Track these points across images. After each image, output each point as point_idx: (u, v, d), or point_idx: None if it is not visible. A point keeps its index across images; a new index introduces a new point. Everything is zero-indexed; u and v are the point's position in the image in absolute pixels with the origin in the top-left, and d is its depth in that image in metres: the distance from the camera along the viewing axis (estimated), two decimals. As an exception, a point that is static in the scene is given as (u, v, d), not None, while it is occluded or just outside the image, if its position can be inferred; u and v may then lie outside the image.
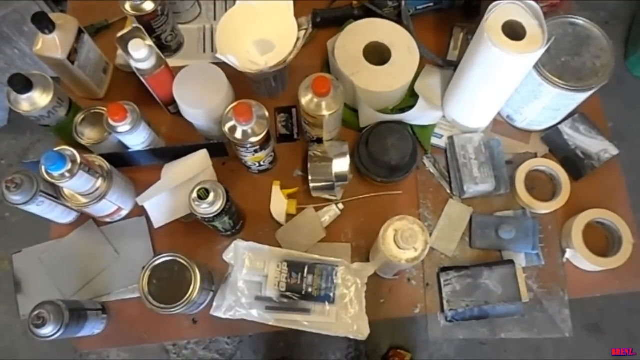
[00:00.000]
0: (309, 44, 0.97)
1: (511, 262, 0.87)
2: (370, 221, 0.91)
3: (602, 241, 0.91)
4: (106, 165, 0.83)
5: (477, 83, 0.84)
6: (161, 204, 0.86)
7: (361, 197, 0.93)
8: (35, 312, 0.73)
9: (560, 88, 0.83)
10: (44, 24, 0.82)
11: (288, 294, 0.82)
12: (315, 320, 0.82)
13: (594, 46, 0.86)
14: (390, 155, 0.87)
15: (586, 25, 0.87)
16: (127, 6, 0.87)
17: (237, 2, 0.92)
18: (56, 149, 0.75)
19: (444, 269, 0.88)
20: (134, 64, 0.83)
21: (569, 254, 0.89)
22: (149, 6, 0.87)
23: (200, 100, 0.84)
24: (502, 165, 0.94)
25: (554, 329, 0.87)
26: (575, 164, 0.94)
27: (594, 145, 0.95)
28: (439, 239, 0.91)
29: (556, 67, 0.84)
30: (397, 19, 0.98)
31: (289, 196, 0.92)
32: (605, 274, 0.87)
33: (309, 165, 0.88)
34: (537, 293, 0.88)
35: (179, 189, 0.85)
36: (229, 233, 0.87)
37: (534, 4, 0.76)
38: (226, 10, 1.01)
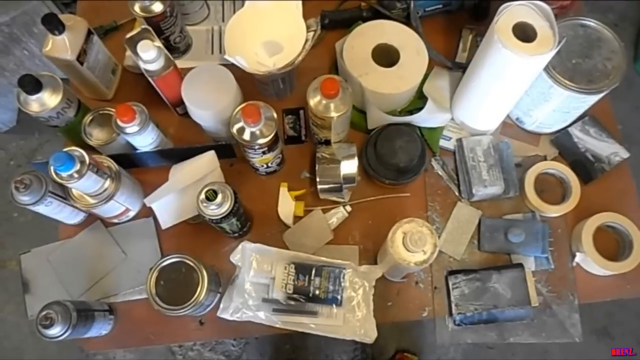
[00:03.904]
0: (317, 46, 0.97)
1: (520, 265, 0.86)
2: (378, 223, 0.91)
3: (612, 245, 0.90)
4: (114, 166, 0.83)
5: (486, 85, 0.84)
6: (169, 205, 0.86)
7: (369, 199, 0.92)
8: (43, 313, 0.73)
9: (571, 90, 0.82)
10: (54, 25, 0.82)
11: (295, 296, 0.81)
12: (323, 323, 0.81)
13: (605, 48, 0.85)
14: (398, 157, 0.87)
15: (597, 27, 0.86)
16: (136, 7, 0.87)
17: (246, 3, 0.92)
18: (65, 149, 0.75)
19: (452, 272, 0.88)
20: (142, 65, 0.83)
21: (578, 257, 0.88)
22: (157, 7, 0.87)
23: (208, 102, 0.84)
24: (512, 168, 0.93)
25: (563, 333, 0.86)
26: (585, 167, 0.94)
27: (604, 148, 0.94)
28: (447, 242, 0.90)
29: (567, 69, 0.83)
30: (406, 20, 0.97)
31: (297, 198, 0.92)
32: (615, 278, 0.87)
33: (316, 167, 0.88)
34: (546, 297, 0.88)
35: (186, 190, 0.85)
36: (236, 235, 0.87)
37: (544, 5, 0.75)
38: (234, 11, 1.02)
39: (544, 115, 0.91)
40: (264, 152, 0.83)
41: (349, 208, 0.91)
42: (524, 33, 0.75)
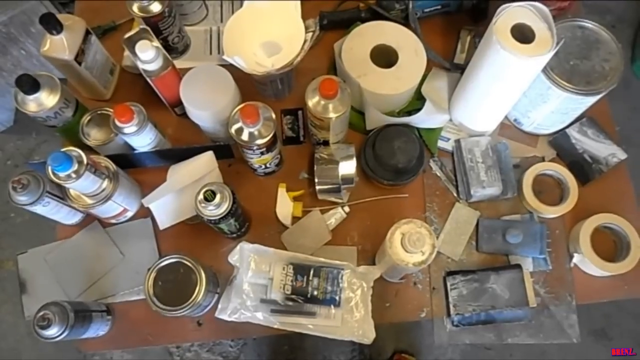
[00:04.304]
0: (315, 46, 0.96)
1: (518, 266, 0.86)
2: (376, 224, 0.91)
3: (610, 246, 0.90)
4: (112, 166, 0.83)
5: (484, 86, 0.84)
6: (167, 205, 0.85)
7: (367, 200, 0.92)
8: (41, 313, 0.72)
9: (569, 92, 0.82)
10: (51, 24, 0.82)
11: (293, 296, 0.81)
12: (321, 324, 0.81)
13: (603, 50, 0.85)
14: (396, 158, 0.87)
15: (595, 28, 0.86)
16: (135, 8, 0.87)
17: (244, 3, 0.92)
18: (63, 149, 0.75)
19: (451, 273, 0.88)
20: (140, 66, 0.83)
21: (576, 258, 0.88)
22: (156, 8, 0.87)
23: (207, 102, 0.84)
24: (510, 168, 0.93)
25: (561, 334, 0.87)
26: (583, 168, 0.94)
27: (602, 149, 0.94)
28: (446, 243, 0.90)
29: (565, 70, 0.83)
30: (405, 21, 0.97)
31: (295, 199, 0.92)
32: (613, 279, 0.87)
33: (315, 168, 0.88)
34: (544, 298, 0.88)
35: (184, 191, 0.85)
36: (234, 235, 0.87)
37: (543, 6, 0.75)
38: (233, 12, 1.02)
39: (542, 117, 0.91)
40: (262, 153, 0.83)
41: (347, 209, 0.91)
42: (523, 34, 0.75)
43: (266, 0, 0.90)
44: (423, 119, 0.93)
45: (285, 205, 0.90)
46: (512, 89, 0.83)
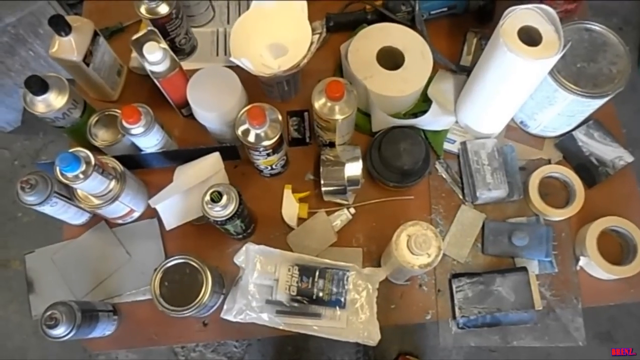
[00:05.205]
0: (322, 48, 0.96)
1: (524, 269, 0.86)
2: (381, 226, 0.91)
3: (616, 249, 0.90)
4: (119, 167, 0.84)
5: (491, 88, 0.84)
6: (173, 206, 0.86)
7: (373, 201, 0.92)
8: (48, 313, 0.73)
9: (576, 94, 0.82)
10: (60, 26, 0.82)
11: (299, 298, 0.81)
12: (326, 325, 0.81)
13: (610, 52, 0.85)
14: (402, 160, 0.87)
15: (602, 31, 0.86)
16: (142, 9, 0.88)
17: (252, 5, 0.92)
18: (71, 150, 0.75)
19: (456, 275, 0.88)
20: (148, 67, 0.83)
21: (582, 261, 0.88)
22: (163, 9, 0.88)
23: (213, 103, 0.84)
24: (516, 171, 0.93)
25: (566, 337, 0.86)
26: (590, 170, 0.94)
27: (609, 152, 0.94)
28: (451, 245, 0.90)
29: (572, 73, 0.83)
30: (411, 23, 0.97)
31: (301, 200, 0.92)
32: (619, 282, 0.87)
33: (321, 169, 0.88)
34: (550, 301, 0.87)
35: (191, 192, 0.85)
36: (240, 236, 0.87)
37: (550, 9, 0.75)
38: (240, 13, 1.02)
39: (548, 119, 0.91)
40: (268, 154, 0.84)
41: (352, 210, 0.91)
42: (529, 37, 0.75)
43: (273, 2, 0.90)
44: (429, 121, 0.93)
45: (291, 207, 0.91)
46: (518, 92, 0.83)
